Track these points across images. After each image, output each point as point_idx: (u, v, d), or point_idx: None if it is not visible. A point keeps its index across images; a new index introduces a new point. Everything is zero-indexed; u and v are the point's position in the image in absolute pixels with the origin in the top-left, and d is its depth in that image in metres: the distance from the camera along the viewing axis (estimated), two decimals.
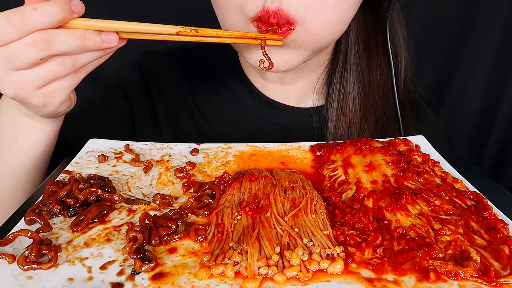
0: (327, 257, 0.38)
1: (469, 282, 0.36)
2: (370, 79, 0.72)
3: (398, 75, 0.74)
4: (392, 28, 0.72)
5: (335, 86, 0.72)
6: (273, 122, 0.75)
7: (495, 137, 1.28)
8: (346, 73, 0.71)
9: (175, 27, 0.48)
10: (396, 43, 0.73)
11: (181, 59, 0.81)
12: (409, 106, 0.76)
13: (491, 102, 1.25)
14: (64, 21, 0.44)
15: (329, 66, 0.74)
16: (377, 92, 0.72)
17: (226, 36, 0.52)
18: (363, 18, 0.71)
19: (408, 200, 0.45)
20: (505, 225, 0.41)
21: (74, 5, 0.44)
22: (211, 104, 0.77)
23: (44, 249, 0.38)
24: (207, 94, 0.78)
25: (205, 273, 0.36)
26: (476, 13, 1.17)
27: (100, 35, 0.46)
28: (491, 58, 1.21)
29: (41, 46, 0.43)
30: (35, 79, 0.46)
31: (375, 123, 0.72)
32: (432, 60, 1.23)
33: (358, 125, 0.71)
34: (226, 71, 0.78)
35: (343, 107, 0.71)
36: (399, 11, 0.72)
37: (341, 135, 0.71)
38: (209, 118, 0.77)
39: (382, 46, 0.72)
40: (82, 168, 0.55)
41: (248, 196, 0.47)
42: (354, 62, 0.71)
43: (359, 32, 0.70)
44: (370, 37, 0.72)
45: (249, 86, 0.76)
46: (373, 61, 0.72)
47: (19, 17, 0.42)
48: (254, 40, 0.54)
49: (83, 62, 0.47)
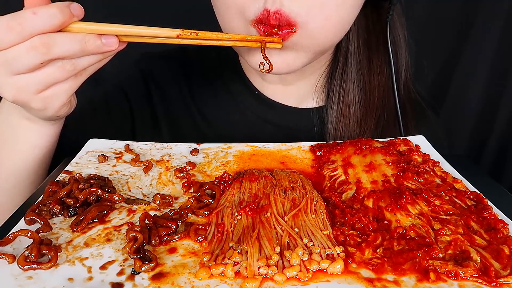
0: (327, 257, 0.38)
1: (469, 282, 0.36)
2: (371, 79, 0.72)
3: (399, 75, 0.74)
4: (393, 28, 0.71)
5: (335, 87, 0.72)
6: (273, 122, 0.75)
7: (495, 137, 1.28)
8: (347, 73, 0.71)
9: (176, 30, 0.48)
10: (397, 43, 0.73)
11: (181, 59, 0.81)
12: (409, 106, 0.76)
13: (491, 102, 1.25)
14: (64, 25, 0.44)
15: (330, 67, 0.74)
16: (377, 93, 0.72)
17: (226, 39, 0.52)
18: (364, 19, 0.71)
19: (408, 200, 0.45)
20: (505, 225, 0.41)
21: (74, 9, 0.44)
22: (211, 104, 0.77)
23: (44, 249, 0.38)
24: (207, 94, 0.78)
25: (205, 273, 0.36)
26: (475, 13, 1.17)
27: (100, 38, 0.46)
28: (491, 58, 1.21)
29: (41, 50, 0.43)
30: (35, 83, 0.46)
31: (376, 124, 0.72)
32: (432, 60, 1.23)
33: (358, 126, 0.71)
34: (226, 72, 0.78)
35: (344, 108, 0.71)
36: (399, 11, 0.72)
37: (342, 135, 0.71)
38: (209, 119, 0.77)
39: (382, 46, 0.72)
40: (82, 168, 0.55)
41: (248, 196, 0.47)
42: (354, 63, 0.71)
43: (360, 33, 0.70)
44: (371, 38, 0.72)
45: (249, 87, 0.76)
46: (373, 62, 0.72)
47: (19, 21, 0.42)
48: (254, 43, 0.54)
49: (83, 65, 0.47)
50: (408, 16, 0.75)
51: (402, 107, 0.72)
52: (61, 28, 0.44)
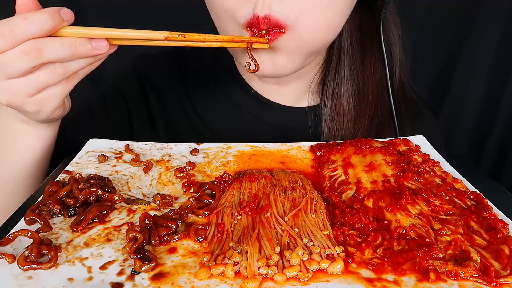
0: (327, 257, 0.38)
1: (469, 282, 0.36)
2: (364, 77, 0.72)
3: (393, 74, 0.74)
4: (387, 26, 0.71)
5: (329, 85, 0.72)
6: (269, 121, 0.75)
7: (495, 137, 1.28)
8: (340, 72, 0.71)
9: (163, 32, 0.49)
10: (391, 41, 0.73)
11: (177, 60, 0.81)
12: (404, 104, 0.76)
13: (491, 102, 1.25)
14: (54, 30, 0.44)
15: (324, 66, 0.74)
16: (371, 91, 0.72)
17: (213, 40, 0.53)
18: (357, 17, 0.71)
19: (408, 200, 0.45)
20: (505, 225, 0.41)
21: (64, 14, 0.44)
22: (207, 104, 0.77)
23: (44, 249, 0.38)
24: (203, 95, 0.78)
25: (205, 273, 0.36)
26: (475, 14, 1.17)
27: (90, 42, 0.46)
28: (490, 59, 1.21)
29: (32, 55, 0.44)
30: (28, 87, 0.46)
31: (370, 122, 0.72)
32: (432, 60, 1.23)
33: (352, 124, 0.71)
34: (222, 72, 0.78)
35: (337, 106, 0.71)
36: (394, 9, 0.72)
37: (336, 134, 0.71)
38: (205, 118, 0.77)
39: (376, 44, 0.72)
40: (82, 168, 0.55)
41: (248, 196, 0.47)
42: (347, 61, 0.71)
43: (353, 31, 0.70)
44: (364, 36, 0.72)
45: (245, 86, 0.77)
46: (367, 60, 0.72)
47: (10, 27, 0.42)
48: (241, 44, 0.55)
49: (75, 69, 0.48)
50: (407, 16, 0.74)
51: (397, 106, 0.72)
52: (52, 33, 0.44)
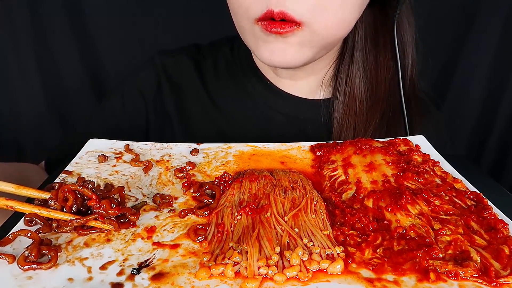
0: (327, 257, 0.38)
1: (469, 282, 0.36)
2: (377, 74, 0.74)
3: (405, 72, 0.75)
4: (401, 27, 0.73)
5: (342, 80, 0.74)
6: (282, 111, 0.77)
7: (495, 137, 1.28)
8: (353, 68, 0.73)
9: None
10: (404, 41, 0.74)
11: (195, 56, 0.83)
12: (414, 102, 0.77)
13: (491, 102, 1.25)
14: None
15: (337, 62, 0.76)
16: (383, 86, 0.74)
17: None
18: (372, 16, 0.72)
19: (408, 200, 0.45)
20: (505, 225, 0.41)
21: None
22: (223, 95, 0.79)
23: (44, 249, 0.38)
24: (219, 85, 0.80)
25: (205, 273, 0.36)
26: (475, 13, 1.17)
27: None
28: (491, 58, 1.21)
29: None
30: None
31: (381, 117, 0.74)
32: (431, 60, 1.23)
33: (364, 118, 0.73)
34: (239, 65, 0.80)
35: (350, 100, 0.73)
36: (409, 10, 0.74)
37: (348, 127, 0.73)
38: (220, 107, 0.79)
39: (390, 43, 0.74)
40: (82, 168, 0.55)
41: (248, 196, 0.47)
42: (360, 59, 0.72)
43: (367, 30, 0.72)
44: (378, 35, 0.73)
45: (261, 78, 0.78)
46: (380, 57, 0.74)
47: None
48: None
49: None
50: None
51: (407, 103, 0.74)
52: None
